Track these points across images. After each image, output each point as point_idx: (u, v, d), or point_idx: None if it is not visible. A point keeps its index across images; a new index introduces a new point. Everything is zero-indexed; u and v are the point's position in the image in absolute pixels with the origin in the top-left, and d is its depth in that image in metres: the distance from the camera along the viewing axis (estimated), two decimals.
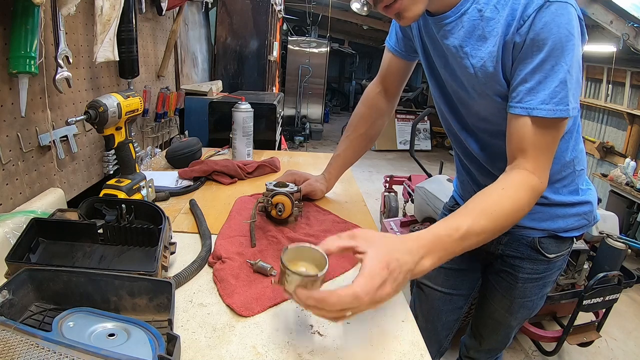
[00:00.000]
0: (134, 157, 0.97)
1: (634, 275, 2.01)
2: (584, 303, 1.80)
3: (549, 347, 2.05)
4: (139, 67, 1.31)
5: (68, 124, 0.92)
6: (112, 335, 0.50)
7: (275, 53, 3.34)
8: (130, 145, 0.96)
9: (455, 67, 0.78)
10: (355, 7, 0.73)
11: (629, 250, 2.10)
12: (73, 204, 1.04)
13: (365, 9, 0.73)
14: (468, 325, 1.20)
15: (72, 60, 0.94)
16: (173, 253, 0.77)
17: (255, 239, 0.87)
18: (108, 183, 0.93)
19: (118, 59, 1.10)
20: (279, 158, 1.47)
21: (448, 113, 0.90)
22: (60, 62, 0.91)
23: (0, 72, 0.80)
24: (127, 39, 1.18)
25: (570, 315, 1.88)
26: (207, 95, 1.96)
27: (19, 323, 0.46)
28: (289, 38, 6.99)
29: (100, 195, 0.90)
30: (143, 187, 0.99)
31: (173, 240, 0.79)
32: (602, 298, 1.84)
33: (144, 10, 1.45)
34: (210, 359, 0.56)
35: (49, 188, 0.96)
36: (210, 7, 2.44)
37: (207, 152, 1.58)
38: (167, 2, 1.55)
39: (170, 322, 0.54)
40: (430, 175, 2.90)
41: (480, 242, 0.62)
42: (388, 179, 3.60)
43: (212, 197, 1.15)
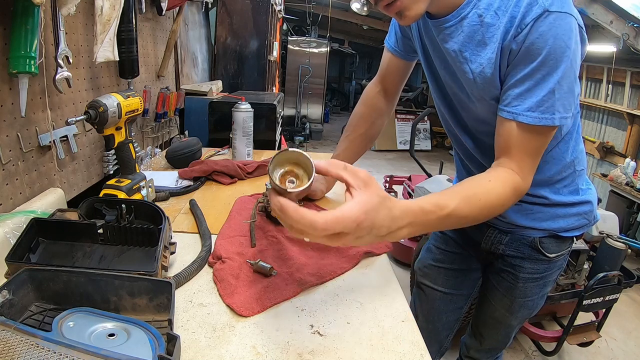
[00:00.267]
0: (134, 157, 0.97)
1: (634, 275, 2.01)
2: (584, 303, 1.80)
3: (549, 347, 2.05)
4: (139, 67, 1.31)
5: (68, 124, 0.92)
6: (112, 335, 0.50)
7: (275, 53, 3.34)
8: (130, 145, 0.96)
9: (455, 70, 0.78)
10: (355, 7, 0.73)
11: (629, 250, 2.10)
12: (73, 204, 1.04)
13: (365, 9, 0.73)
14: (468, 325, 1.20)
15: (72, 60, 0.94)
16: (173, 253, 0.77)
17: (255, 239, 0.87)
18: (108, 183, 0.93)
19: (118, 59, 1.10)
20: None
21: (448, 114, 0.90)
22: (60, 62, 0.91)
23: (0, 72, 0.80)
24: (127, 39, 1.18)
25: (570, 315, 1.88)
26: (207, 95, 1.96)
27: (19, 323, 0.46)
28: (289, 38, 6.98)
29: (100, 195, 0.90)
30: (143, 187, 0.99)
31: (173, 240, 0.79)
32: (602, 298, 1.84)
33: (144, 10, 1.45)
34: (210, 359, 0.56)
35: (49, 188, 0.96)
36: (210, 7, 2.44)
37: (207, 152, 1.58)
38: (167, 2, 1.55)
39: (170, 322, 0.54)
40: (430, 175, 2.90)
41: (457, 225, 0.64)
42: (388, 179, 3.59)
43: (212, 197, 1.15)
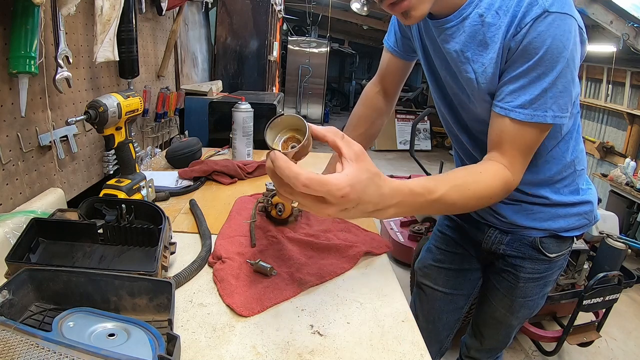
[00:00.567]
0: (134, 157, 0.97)
1: (634, 275, 2.01)
2: (584, 303, 1.80)
3: (549, 347, 2.05)
4: (139, 67, 1.31)
5: (68, 124, 0.92)
6: (112, 335, 0.50)
7: (275, 53, 3.34)
8: (130, 145, 0.96)
9: (456, 70, 0.78)
10: (355, 7, 0.74)
11: (629, 250, 2.10)
12: (73, 204, 1.04)
13: (366, 9, 0.73)
14: (469, 325, 1.20)
15: (72, 60, 0.94)
16: (173, 253, 0.77)
17: (255, 239, 0.87)
18: (108, 183, 0.93)
19: (118, 59, 1.10)
20: None
21: (448, 114, 0.90)
22: (60, 62, 0.91)
23: (0, 72, 0.80)
24: (127, 39, 1.18)
25: (570, 315, 1.88)
26: (207, 95, 1.96)
27: (19, 323, 0.46)
28: (289, 38, 6.98)
29: (100, 195, 0.90)
30: (143, 187, 0.99)
31: (173, 240, 0.79)
32: (602, 298, 1.84)
33: (144, 10, 1.45)
34: (210, 359, 0.56)
35: (49, 188, 0.96)
36: (210, 7, 2.44)
37: (207, 152, 1.58)
38: (167, 2, 1.55)
39: (170, 322, 0.54)
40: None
41: (445, 212, 0.64)
42: None
43: (212, 197, 1.15)
